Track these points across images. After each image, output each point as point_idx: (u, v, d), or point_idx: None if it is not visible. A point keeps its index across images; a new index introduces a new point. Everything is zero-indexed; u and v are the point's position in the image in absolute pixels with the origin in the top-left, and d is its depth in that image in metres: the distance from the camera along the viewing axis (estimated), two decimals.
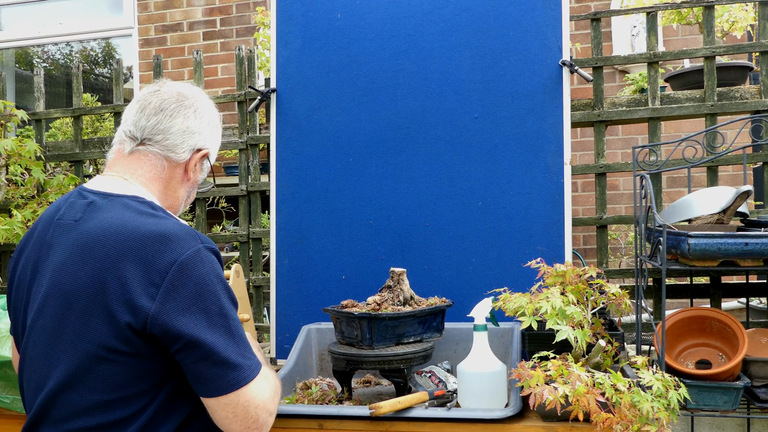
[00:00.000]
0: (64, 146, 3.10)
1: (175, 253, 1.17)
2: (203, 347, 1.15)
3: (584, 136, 4.23)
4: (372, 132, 2.27)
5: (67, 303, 1.19)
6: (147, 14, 5.03)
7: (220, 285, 1.20)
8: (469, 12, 2.23)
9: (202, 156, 1.40)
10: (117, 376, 1.17)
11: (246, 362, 1.19)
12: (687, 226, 1.91)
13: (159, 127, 1.34)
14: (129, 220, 1.21)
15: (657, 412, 1.34)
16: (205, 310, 1.16)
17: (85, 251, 1.19)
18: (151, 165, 1.34)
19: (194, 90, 1.44)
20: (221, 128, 1.50)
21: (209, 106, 1.44)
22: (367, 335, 1.65)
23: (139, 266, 1.16)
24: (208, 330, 1.16)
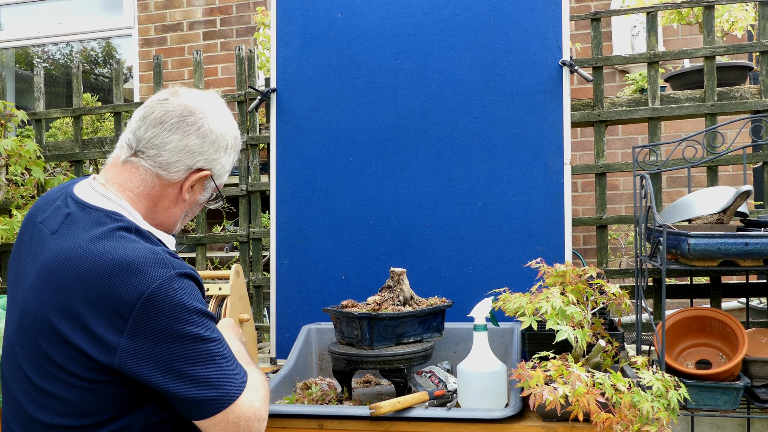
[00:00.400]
0: (64, 146, 3.10)
1: (143, 283, 1.10)
2: (177, 379, 1.12)
3: (584, 136, 4.23)
4: (372, 132, 2.27)
5: (22, 325, 1.17)
6: (147, 14, 5.04)
7: (194, 311, 1.14)
8: (469, 12, 2.23)
9: (201, 177, 1.30)
10: (86, 402, 1.14)
11: (230, 382, 1.16)
12: (687, 226, 1.91)
13: (155, 141, 1.26)
14: (96, 245, 1.14)
15: (657, 412, 1.34)
16: (179, 341, 1.12)
17: (46, 278, 1.15)
18: (140, 180, 1.26)
19: (208, 104, 1.31)
20: (238, 148, 1.37)
21: (221, 124, 1.31)
22: (367, 335, 1.65)
23: (99, 300, 1.10)
24: (185, 363, 1.12)
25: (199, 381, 1.14)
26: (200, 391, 1.14)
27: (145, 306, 1.10)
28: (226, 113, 1.35)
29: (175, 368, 1.12)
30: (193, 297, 1.16)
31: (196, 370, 1.14)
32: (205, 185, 1.33)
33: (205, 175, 1.30)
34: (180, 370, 1.13)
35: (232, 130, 1.35)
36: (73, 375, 1.13)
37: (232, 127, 1.36)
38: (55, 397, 1.15)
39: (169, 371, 1.12)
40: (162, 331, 1.11)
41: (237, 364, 1.20)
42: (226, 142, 1.32)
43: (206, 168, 1.30)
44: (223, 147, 1.31)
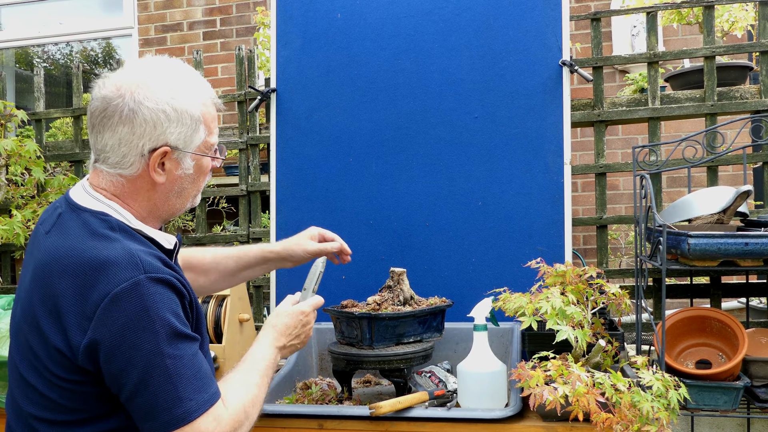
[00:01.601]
0: (64, 146, 3.10)
1: (110, 284, 1.09)
2: (129, 388, 1.10)
3: (584, 136, 4.22)
4: (372, 132, 2.27)
5: (18, 322, 1.21)
6: (147, 14, 5.04)
7: (159, 320, 1.10)
8: (469, 12, 2.23)
9: (160, 155, 1.20)
10: (65, 399, 1.15)
11: (178, 406, 1.10)
12: (687, 226, 1.91)
13: (96, 146, 1.22)
14: (76, 243, 1.14)
15: (657, 412, 1.34)
16: (136, 349, 1.09)
17: (36, 275, 1.17)
18: (108, 181, 1.23)
19: (125, 78, 1.20)
20: (188, 107, 1.21)
21: (151, 87, 1.19)
22: (367, 335, 1.65)
23: (75, 296, 1.11)
24: (139, 370, 1.09)
25: (147, 396, 1.10)
26: (146, 407, 1.10)
27: (108, 307, 1.09)
28: (158, 79, 1.21)
29: (126, 376, 1.10)
30: (161, 304, 1.11)
31: (146, 385, 1.10)
32: (176, 158, 1.23)
33: (163, 152, 1.20)
34: (130, 381, 1.10)
35: (165, 96, 1.19)
36: (51, 372, 1.14)
37: (167, 92, 1.20)
38: (38, 392, 1.16)
39: (120, 379, 1.10)
40: (120, 335, 1.09)
41: (199, 386, 1.12)
42: (165, 113, 1.19)
43: (159, 145, 1.19)
44: (163, 119, 1.19)
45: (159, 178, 1.22)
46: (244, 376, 1.26)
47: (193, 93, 1.24)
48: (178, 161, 1.24)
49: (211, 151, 1.29)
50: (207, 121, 1.26)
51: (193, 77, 1.27)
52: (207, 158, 1.28)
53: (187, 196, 1.30)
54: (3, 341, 1.72)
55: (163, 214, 1.29)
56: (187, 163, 1.25)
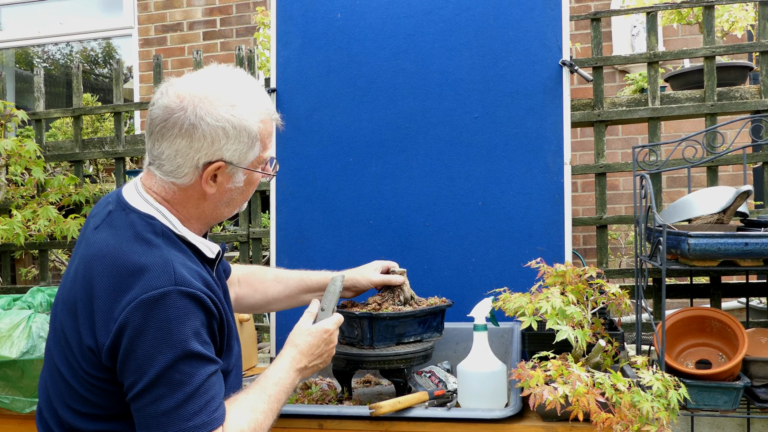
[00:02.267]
0: (64, 146, 3.10)
1: (140, 289, 1.11)
2: (135, 392, 1.12)
3: (584, 136, 4.22)
4: (372, 132, 2.27)
5: (58, 314, 1.25)
6: (147, 14, 5.04)
7: (178, 334, 1.11)
8: (469, 12, 2.23)
9: (215, 169, 1.22)
10: (91, 395, 1.19)
11: (179, 423, 1.10)
12: (687, 226, 1.91)
13: (153, 152, 1.23)
14: (120, 245, 1.18)
15: (657, 412, 1.34)
16: (150, 358, 1.10)
17: (79, 269, 1.21)
18: (160, 186, 1.26)
19: (192, 94, 1.21)
20: (247, 123, 1.22)
21: (209, 112, 1.20)
22: (368, 335, 1.65)
23: (109, 295, 1.14)
24: (148, 379, 1.11)
25: (149, 406, 1.11)
26: (145, 416, 1.12)
27: (133, 311, 1.11)
28: (220, 93, 1.22)
29: (136, 381, 1.12)
30: (185, 319, 1.13)
31: (151, 393, 1.11)
32: (228, 173, 1.25)
33: (217, 167, 1.22)
34: (137, 386, 1.11)
35: (226, 114, 1.20)
36: (81, 368, 1.18)
37: (228, 108, 1.21)
38: (67, 383, 1.21)
39: (129, 381, 1.13)
40: (138, 341, 1.11)
41: (202, 408, 1.12)
42: (224, 130, 1.20)
43: (214, 160, 1.21)
44: (221, 136, 1.20)
45: (210, 189, 1.25)
46: (253, 400, 1.24)
47: (253, 109, 1.24)
48: (231, 175, 1.26)
49: (263, 164, 1.31)
50: (263, 137, 1.28)
51: (255, 92, 1.27)
52: (258, 173, 1.31)
53: (235, 206, 1.33)
54: (3, 341, 1.71)
55: (210, 221, 1.33)
56: (239, 177, 1.27)
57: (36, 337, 1.72)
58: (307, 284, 1.69)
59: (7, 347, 1.70)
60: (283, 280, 1.69)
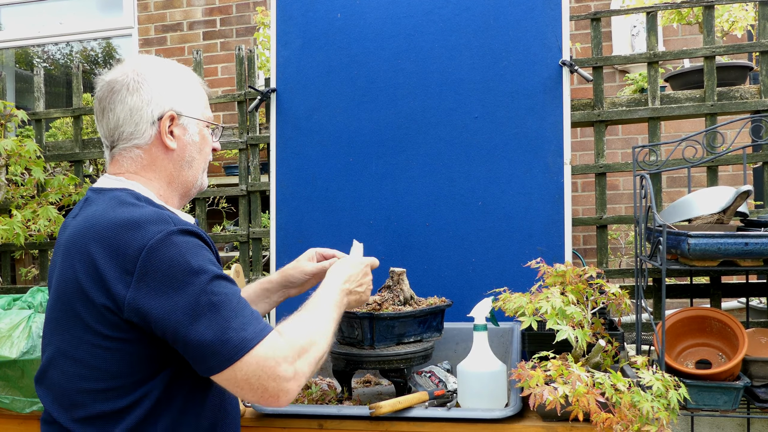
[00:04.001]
0: (64, 146, 3.10)
1: (144, 238, 1.15)
2: (182, 331, 1.14)
3: (584, 136, 4.22)
4: (372, 132, 2.27)
5: (57, 295, 1.24)
6: (147, 14, 5.04)
7: (197, 263, 1.16)
8: (469, 12, 2.23)
9: (168, 119, 1.32)
10: (109, 363, 1.19)
11: (235, 336, 1.14)
12: (687, 226, 1.91)
13: (110, 126, 1.32)
14: (107, 211, 1.21)
15: (657, 412, 1.34)
16: (181, 292, 1.14)
17: (69, 246, 1.23)
18: (129, 160, 1.33)
19: (127, 65, 1.34)
20: (184, 77, 1.37)
21: (148, 66, 1.34)
22: (368, 335, 1.65)
23: (111, 255, 1.16)
24: (187, 312, 1.14)
25: (200, 335, 1.14)
26: (201, 346, 1.14)
27: (147, 259, 1.14)
28: (156, 61, 1.36)
29: (176, 320, 1.14)
30: (194, 251, 1.18)
31: (197, 324, 1.14)
32: (182, 124, 1.35)
33: (170, 115, 1.32)
34: (181, 323, 1.14)
35: (164, 67, 1.36)
36: (101, 335, 1.18)
37: (166, 69, 1.36)
38: (85, 364, 1.20)
39: (171, 324, 1.14)
40: (163, 283, 1.14)
41: (249, 320, 1.17)
42: (166, 82, 1.33)
43: (166, 110, 1.32)
44: (166, 87, 1.33)
45: (171, 143, 1.33)
46: (302, 313, 1.32)
47: (188, 72, 1.40)
48: (185, 128, 1.35)
49: (210, 125, 1.42)
50: (202, 95, 1.41)
51: (186, 68, 1.42)
52: (207, 130, 1.40)
53: (197, 168, 1.39)
54: (3, 341, 1.71)
55: (179, 188, 1.37)
56: (193, 129, 1.36)
57: (36, 337, 1.72)
58: (250, 299, 1.66)
59: (7, 347, 1.70)
60: (262, 281, 1.69)
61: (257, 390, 1.16)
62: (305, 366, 1.22)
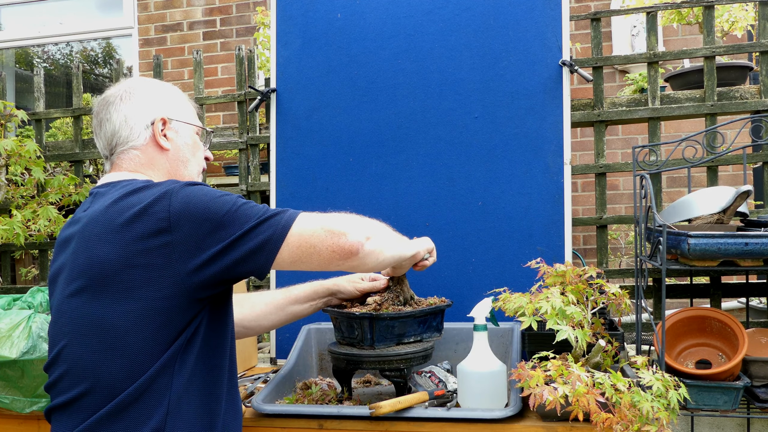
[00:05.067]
0: (64, 146, 3.10)
1: (162, 187, 1.24)
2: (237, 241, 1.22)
3: (584, 136, 4.23)
4: (372, 132, 2.27)
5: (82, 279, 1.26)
6: (147, 14, 5.03)
7: (216, 192, 1.26)
8: (469, 12, 2.23)
9: (162, 121, 1.42)
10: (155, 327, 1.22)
11: (275, 214, 1.25)
12: (687, 226, 1.91)
13: (108, 135, 1.42)
14: (120, 194, 1.27)
15: (657, 412, 1.34)
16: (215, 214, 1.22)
17: (87, 232, 1.26)
18: (128, 160, 1.41)
19: (120, 83, 1.46)
20: (169, 90, 1.48)
21: (138, 81, 1.46)
22: (368, 335, 1.65)
23: (139, 213, 1.21)
24: (232, 229, 1.22)
25: (251, 231, 1.22)
26: (255, 238, 1.23)
27: (175, 199, 1.22)
28: (143, 79, 1.49)
29: (219, 237, 1.21)
30: (210, 189, 1.27)
31: (242, 229, 1.22)
32: (174, 128, 1.44)
33: (162, 119, 1.42)
34: (230, 240, 1.21)
35: (153, 82, 1.47)
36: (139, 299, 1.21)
37: (157, 84, 1.47)
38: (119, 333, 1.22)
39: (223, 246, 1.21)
40: (200, 214, 1.21)
41: (278, 210, 1.28)
42: (157, 92, 1.45)
43: (157, 115, 1.42)
44: (156, 95, 1.44)
45: (165, 143, 1.42)
46: None
47: (175, 88, 1.51)
48: (177, 131, 1.45)
49: (201, 132, 1.51)
50: (190, 107, 1.50)
51: (173, 86, 1.53)
52: (197, 136, 1.49)
53: (192, 169, 1.48)
54: (3, 341, 1.71)
55: None
56: (185, 133, 1.46)
57: (36, 337, 1.72)
58: (294, 295, 1.76)
59: (7, 347, 1.70)
60: (268, 294, 1.79)
61: (324, 239, 1.26)
62: (359, 224, 1.34)
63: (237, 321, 1.65)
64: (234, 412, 1.37)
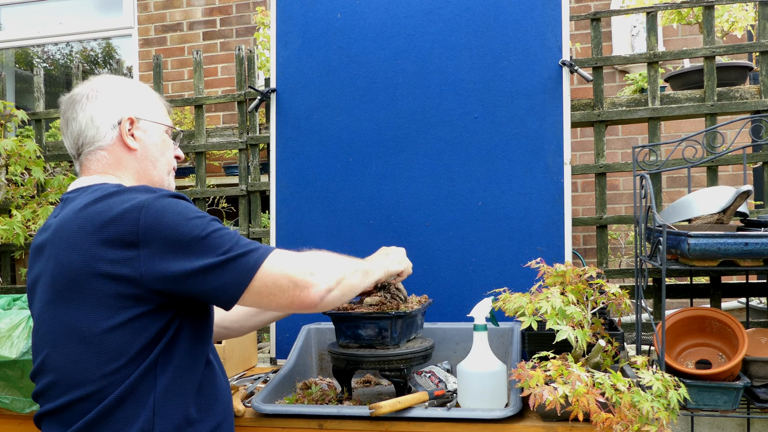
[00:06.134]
0: (64, 146, 3.10)
1: (137, 200, 1.21)
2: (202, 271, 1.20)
3: (584, 136, 4.23)
4: (372, 132, 2.27)
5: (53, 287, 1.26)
6: (147, 14, 5.03)
7: (192, 213, 1.23)
8: (469, 12, 2.23)
9: (129, 121, 1.40)
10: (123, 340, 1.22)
11: (247, 250, 1.22)
12: (687, 226, 1.91)
13: (74, 134, 1.40)
14: (88, 200, 1.25)
15: (657, 412, 1.34)
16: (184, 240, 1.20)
17: (55, 240, 1.26)
18: (96, 162, 1.40)
19: (87, 82, 1.44)
20: (138, 88, 1.46)
21: (105, 80, 1.43)
22: (395, 334, 1.64)
23: (109, 223, 1.20)
24: (197, 251, 1.20)
25: (216, 266, 1.20)
26: (216, 279, 1.21)
27: (147, 215, 1.19)
28: (111, 77, 1.46)
29: (187, 262, 1.19)
30: (186, 206, 1.24)
31: (208, 260, 1.20)
32: (141, 127, 1.42)
33: (128, 119, 1.40)
34: (196, 266, 1.19)
35: (121, 81, 1.45)
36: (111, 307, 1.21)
37: (121, 80, 1.45)
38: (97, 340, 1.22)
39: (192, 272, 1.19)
40: (169, 234, 1.19)
41: (254, 243, 1.26)
42: (123, 91, 1.42)
43: (125, 115, 1.40)
44: (123, 94, 1.41)
45: (132, 143, 1.40)
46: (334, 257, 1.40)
47: (144, 86, 1.49)
48: (144, 130, 1.42)
49: (170, 130, 1.49)
50: (159, 105, 1.48)
51: (143, 83, 1.51)
52: (167, 136, 1.47)
53: (162, 169, 1.45)
54: (3, 341, 1.71)
55: None
56: (153, 132, 1.44)
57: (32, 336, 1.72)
58: None
59: (7, 347, 1.70)
60: None
61: (287, 286, 1.23)
62: (327, 270, 1.29)
63: (217, 322, 1.65)
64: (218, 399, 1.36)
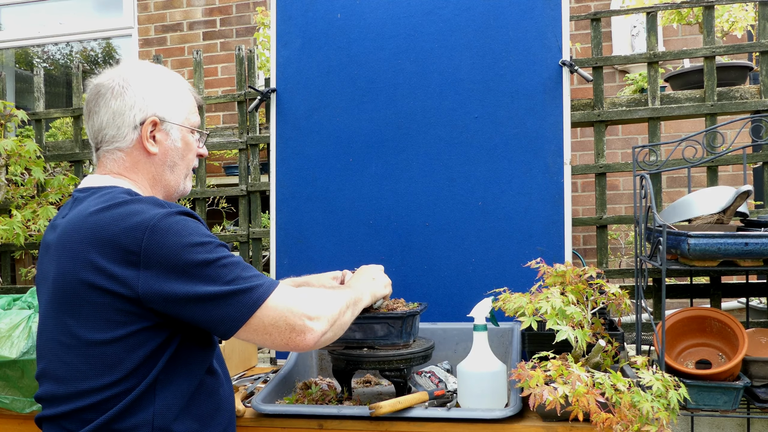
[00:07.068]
0: (64, 146, 3.10)
1: (144, 220, 1.18)
2: (201, 299, 1.18)
3: (584, 136, 4.23)
4: (372, 132, 2.27)
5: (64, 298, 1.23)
6: (147, 14, 5.03)
7: (197, 238, 1.20)
8: (469, 12, 2.23)
9: (151, 124, 1.34)
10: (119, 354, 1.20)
11: (249, 285, 1.20)
12: (687, 226, 1.91)
13: (95, 128, 1.36)
14: (101, 207, 1.22)
15: (657, 412, 1.34)
16: (189, 266, 1.18)
17: (63, 244, 1.24)
18: (113, 162, 1.36)
19: (116, 70, 1.37)
20: (171, 83, 1.39)
21: (137, 72, 1.36)
22: (405, 332, 1.64)
23: (112, 239, 1.18)
24: (200, 279, 1.18)
25: (216, 298, 1.18)
26: (216, 308, 1.18)
27: (151, 236, 1.17)
28: (145, 67, 1.38)
29: (190, 290, 1.17)
30: (193, 228, 1.21)
31: (208, 289, 1.18)
32: (164, 130, 1.37)
33: (152, 121, 1.35)
34: (194, 292, 1.17)
35: (151, 72, 1.38)
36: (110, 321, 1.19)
37: (153, 75, 1.38)
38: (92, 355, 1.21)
39: (183, 296, 1.17)
40: (170, 259, 1.17)
41: (258, 276, 1.23)
42: (151, 88, 1.35)
43: (149, 116, 1.34)
44: (149, 92, 1.35)
45: (152, 148, 1.35)
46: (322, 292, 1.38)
47: (176, 79, 1.41)
48: (167, 133, 1.37)
49: (195, 131, 1.43)
50: (189, 101, 1.41)
51: (176, 74, 1.44)
52: (192, 137, 1.41)
53: (179, 173, 1.41)
54: (3, 341, 1.71)
55: (161, 191, 1.39)
56: (175, 135, 1.38)
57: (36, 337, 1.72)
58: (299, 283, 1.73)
59: (7, 347, 1.70)
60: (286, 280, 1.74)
61: (284, 330, 1.22)
62: (323, 314, 1.28)
63: None
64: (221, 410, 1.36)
